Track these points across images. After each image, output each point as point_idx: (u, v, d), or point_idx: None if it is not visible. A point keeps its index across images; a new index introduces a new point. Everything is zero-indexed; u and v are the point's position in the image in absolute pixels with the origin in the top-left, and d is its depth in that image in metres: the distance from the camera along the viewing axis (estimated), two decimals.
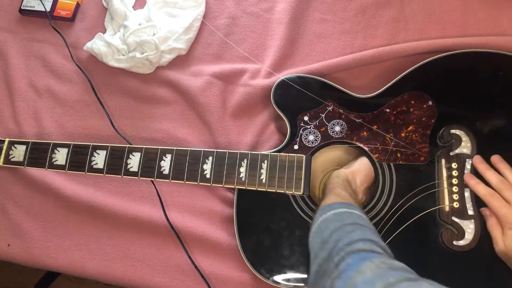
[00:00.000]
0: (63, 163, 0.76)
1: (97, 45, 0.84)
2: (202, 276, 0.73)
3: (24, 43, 0.91)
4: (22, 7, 0.91)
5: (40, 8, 0.90)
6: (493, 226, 0.64)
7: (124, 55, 0.84)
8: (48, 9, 0.90)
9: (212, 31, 0.87)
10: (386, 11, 0.84)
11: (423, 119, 0.72)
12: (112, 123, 0.82)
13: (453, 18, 0.81)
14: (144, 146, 0.75)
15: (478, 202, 0.67)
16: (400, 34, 0.82)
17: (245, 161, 0.72)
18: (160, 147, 0.74)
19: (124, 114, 0.84)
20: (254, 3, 0.88)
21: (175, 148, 0.74)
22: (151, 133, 0.83)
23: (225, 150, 0.73)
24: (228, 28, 0.87)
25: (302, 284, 0.68)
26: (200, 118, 0.82)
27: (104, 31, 0.88)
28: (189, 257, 0.74)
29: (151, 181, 0.78)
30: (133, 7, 0.90)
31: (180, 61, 0.86)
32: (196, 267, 0.74)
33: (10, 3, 0.94)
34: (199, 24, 0.86)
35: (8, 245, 0.80)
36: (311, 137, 0.74)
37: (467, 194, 0.68)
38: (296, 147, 0.73)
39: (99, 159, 0.75)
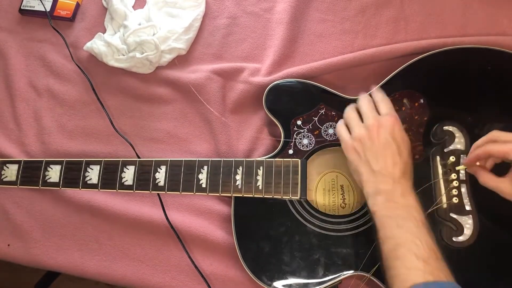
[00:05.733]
0: (57, 180, 0.76)
1: (97, 45, 0.84)
2: (202, 276, 0.73)
3: (24, 43, 0.91)
4: (22, 7, 0.91)
5: (40, 8, 0.90)
6: (489, 177, 0.62)
7: (124, 55, 0.84)
8: (48, 9, 0.90)
9: (212, 31, 0.87)
10: (386, 11, 0.84)
11: (416, 117, 0.72)
12: (112, 123, 0.82)
13: (453, 18, 0.81)
14: (138, 159, 0.75)
15: (475, 197, 0.67)
16: (400, 34, 0.82)
17: (241, 168, 0.72)
18: (154, 159, 0.74)
19: (124, 114, 0.84)
20: (254, 3, 0.88)
21: (169, 159, 0.74)
22: (151, 133, 0.83)
23: (220, 159, 0.73)
24: (228, 28, 0.87)
25: None
26: (200, 116, 0.82)
27: (104, 31, 0.88)
28: (189, 257, 0.74)
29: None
30: (133, 7, 0.90)
31: (180, 61, 0.86)
32: (196, 267, 0.74)
33: (10, 3, 0.94)
34: (199, 24, 0.86)
35: (8, 245, 0.80)
36: (305, 141, 0.74)
37: (464, 189, 0.68)
38: (290, 151, 0.74)
39: (93, 174, 0.75)
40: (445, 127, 0.71)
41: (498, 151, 0.60)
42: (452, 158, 0.69)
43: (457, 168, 0.67)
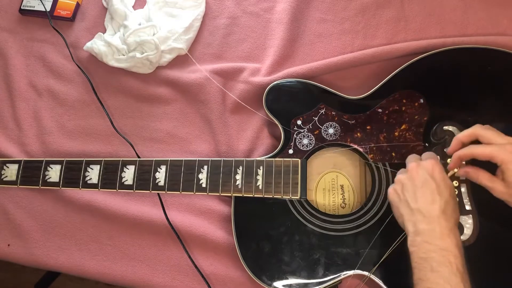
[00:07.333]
0: (57, 180, 0.76)
1: (97, 45, 0.84)
2: (202, 276, 0.73)
3: (24, 43, 0.91)
4: (22, 7, 0.91)
5: (40, 8, 0.90)
6: (485, 177, 0.62)
7: (124, 55, 0.84)
8: (48, 9, 0.90)
9: (212, 31, 0.87)
10: (386, 11, 0.84)
11: (416, 117, 0.72)
12: (112, 123, 0.82)
13: (453, 18, 0.81)
14: (138, 159, 0.75)
15: (475, 197, 0.67)
16: (400, 34, 0.82)
17: (241, 168, 0.72)
18: (154, 159, 0.74)
19: (124, 114, 0.84)
20: (254, 3, 0.88)
21: (169, 159, 0.74)
22: (151, 133, 0.83)
23: (220, 159, 0.73)
24: (228, 28, 0.87)
25: None
26: (200, 116, 0.82)
27: (104, 31, 0.88)
28: (189, 257, 0.74)
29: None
30: (133, 7, 0.90)
31: (180, 61, 0.86)
32: (196, 267, 0.74)
33: (10, 3, 0.94)
34: (199, 24, 0.86)
35: (8, 245, 0.80)
36: (305, 141, 0.74)
37: (463, 189, 0.68)
38: (290, 151, 0.74)
39: (93, 174, 0.75)
40: (445, 127, 0.71)
41: (482, 153, 0.60)
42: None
43: (448, 174, 0.66)
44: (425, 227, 0.59)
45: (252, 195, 0.71)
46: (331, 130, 0.74)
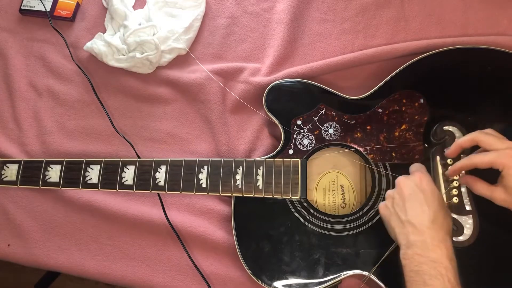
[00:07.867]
0: (57, 180, 0.76)
1: (97, 45, 0.84)
2: (203, 276, 0.73)
3: (24, 43, 0.91)
4: (22, 7, 0.91)
5: (40, 8, 0.90)
6: (482, 186, 0.63)
7: (124, 55, 0.84)
8: (48, 9, 0.90)
9: (212, 31, 0.87)
10: (386, 11, 0.84)
11: (416, 117, 0.72)
12: (112, 123, 0.82)
13: (453, 18, 0.81)
14: (138, 159, 0.75)
15: (475, 197, 0.67)
16: (400, 34, 0.82)
17: (241, 168, 0.72)
18: (154, 159, 0.74)
19: (124, 114, 0.84)
20: (254, 3, 0.88)
21: (169, 159, 0.74)
22: (151, 133, 0.83)
23: (220, 159, 0.73)
24: (228, 28, 0.87)
25: None
26: (200, 116, 0.82)
27: (104, 31, 0.88)
28: (189, 257, 0.74)
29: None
30: (133, 7, 0.90)
31: (180, 61, 0.86)
32: (196, 267, 0.74)
33: (10, 3, 0.94)
34: (199, 24, 0.86)
35: (8, 245, 0.80)
36: (305, 141, 0.74)
37: (463, 189, 0.68)
38: (291, 151, 0.74)
39: (93, 174, 0.75)
40: (445, 127, 0.71)
41: (482, 161, 0.60)
42: (451, 159, 0.69)
43: (450, 185, 0.67)
44: (416, 239, 0.59)
45: (252, 195, 0.71)
46: (331, 130, 0.74)
